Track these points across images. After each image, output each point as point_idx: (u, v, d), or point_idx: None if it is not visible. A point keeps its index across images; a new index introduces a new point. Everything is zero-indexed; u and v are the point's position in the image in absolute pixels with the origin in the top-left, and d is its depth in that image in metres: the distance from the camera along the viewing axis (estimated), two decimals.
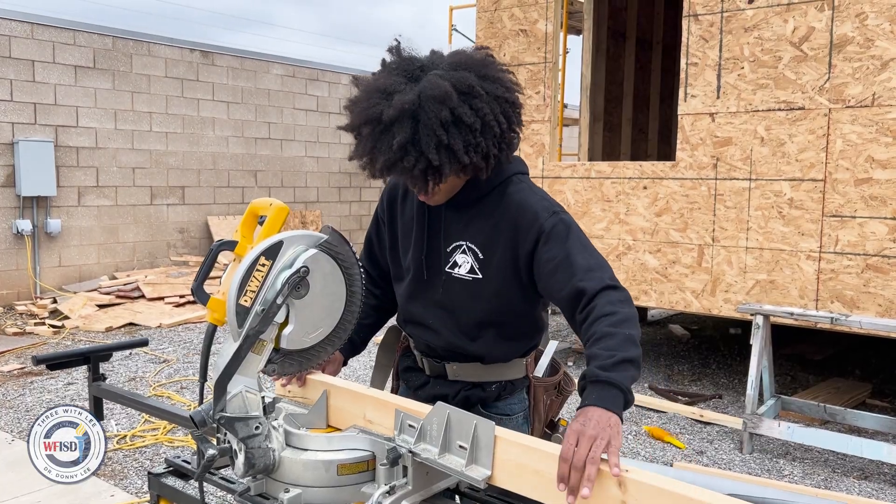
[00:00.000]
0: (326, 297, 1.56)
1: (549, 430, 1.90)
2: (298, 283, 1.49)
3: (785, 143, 4.73)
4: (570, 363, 6.07)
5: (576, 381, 1.65)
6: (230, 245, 1.57)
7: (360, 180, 12.07)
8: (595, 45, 6.89)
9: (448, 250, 1.77)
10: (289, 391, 1.77)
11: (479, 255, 1.73)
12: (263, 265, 1.47)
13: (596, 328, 1.49)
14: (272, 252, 1.48)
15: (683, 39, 5.13)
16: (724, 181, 5.00)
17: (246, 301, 1.45)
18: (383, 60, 1.68)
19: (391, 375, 2.04)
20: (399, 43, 1.67)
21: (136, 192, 9.22)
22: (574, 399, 1.69)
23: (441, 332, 1.79)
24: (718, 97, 4.99)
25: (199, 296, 1.53)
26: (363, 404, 1.62)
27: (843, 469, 4.09)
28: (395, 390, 1.99)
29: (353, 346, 1.88)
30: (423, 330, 1.84)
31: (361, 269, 1.61)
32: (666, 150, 8.73)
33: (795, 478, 3.96)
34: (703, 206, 5.11)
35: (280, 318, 1.50)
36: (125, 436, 4.27)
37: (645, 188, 5.39)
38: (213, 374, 1.49)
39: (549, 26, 5.90)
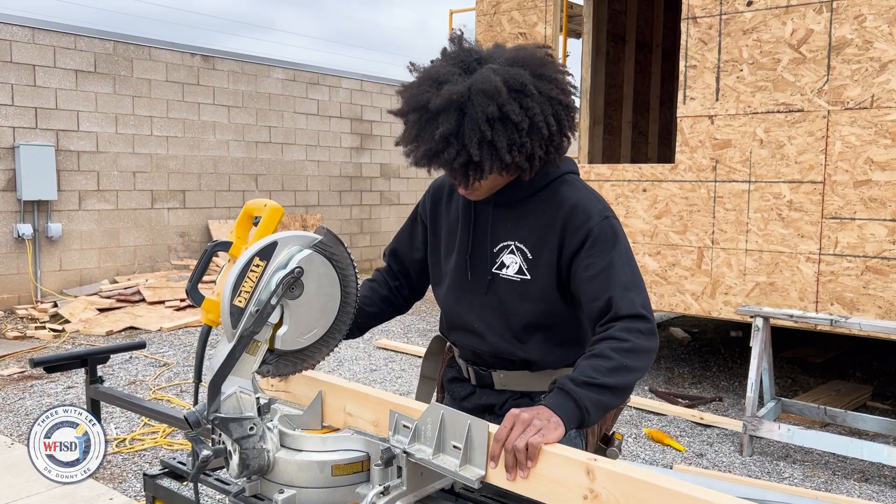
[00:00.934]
0: (321, 297, 1.56)
1: (604, 443, 1.83)
2: (293, 284, 1.49)
3: (784, 146, 4.73)
4: None
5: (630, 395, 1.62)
6: (225, 246, 1.57)
7: (361, 184, 12.08)
8: (595, 48, 6.89)
9: (495, 250, 1.73)
10: (271, 385, 1.77)
11: (529, 255, 1.68)
12: (258, 266, 1.47)
13: (599, 346, 1.49)
14: (266, 253, 1.48)
15: (682, 42, 5.13)
16: (724, 183, 5.00)
17: (240, 302, 1.46)
18: (444, 49, 1.64)
19: (437, 387, 2.00)
20: (462, 33, 1.64)
21: (137, 196, 9.24)
22: (626, 412, 1.69)
23: (488, 337, 1.74)
24: (717, 99, 5.00)
25: (194, 297, 1.53)
26: (342, 397, 1.61)
27: (844, 471, 4.08)
28: (440, 402, 1.95)
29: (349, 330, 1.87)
30: (468, 336, 1.79)
31: (356, 270, 1.61)
32: (666, 153, 8.73)
33: (796, 480, 3.95)
34: (702, 209, 5.11)
35: (274, 318, 1.50)
36: (124, 439, 4.27)
37: (644, 191, 5.39)
38: (209, 374, 1.49)
39: (549, 29, 5.90)
